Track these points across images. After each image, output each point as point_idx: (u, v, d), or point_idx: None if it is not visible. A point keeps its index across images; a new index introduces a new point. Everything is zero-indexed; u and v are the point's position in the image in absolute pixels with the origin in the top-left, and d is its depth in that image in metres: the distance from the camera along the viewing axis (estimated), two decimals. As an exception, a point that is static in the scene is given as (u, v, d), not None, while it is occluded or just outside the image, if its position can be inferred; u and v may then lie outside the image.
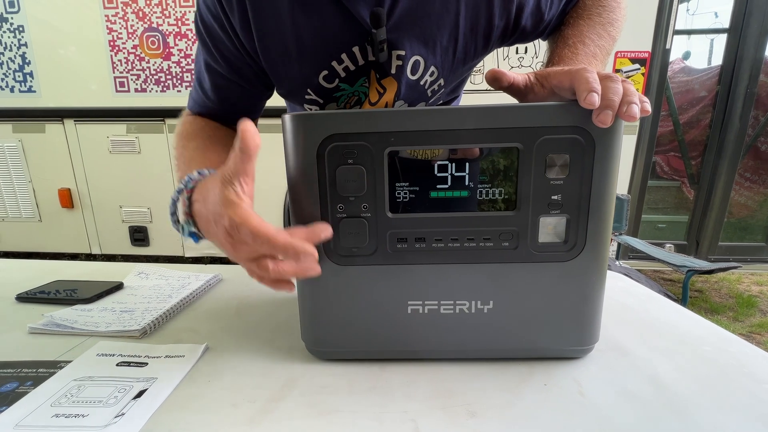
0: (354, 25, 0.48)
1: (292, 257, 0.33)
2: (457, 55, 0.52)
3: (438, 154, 0.37)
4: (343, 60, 0.51)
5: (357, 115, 0.37)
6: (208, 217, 0.35)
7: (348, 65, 0.51)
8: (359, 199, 0.38)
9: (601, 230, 0.38)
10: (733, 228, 2.62)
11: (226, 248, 0.34)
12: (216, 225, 0.34)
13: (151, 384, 0.38)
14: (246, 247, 0.33)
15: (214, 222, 0.34)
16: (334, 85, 0.53)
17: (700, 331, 0.49)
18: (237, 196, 0.32)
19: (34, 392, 0.37)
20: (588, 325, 0.41)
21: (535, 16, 0.53)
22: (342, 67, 0.51)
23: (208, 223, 0.35)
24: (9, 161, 2.08)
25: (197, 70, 0.55)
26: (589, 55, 0.49)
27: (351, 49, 0.50)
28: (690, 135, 2.62)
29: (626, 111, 0.33)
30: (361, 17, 0.47)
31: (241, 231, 0.31)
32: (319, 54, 0.50)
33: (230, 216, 0.31)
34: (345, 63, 0.51)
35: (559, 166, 0.37)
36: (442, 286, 0.40)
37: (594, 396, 0.37)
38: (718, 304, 2.21)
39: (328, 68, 0.51)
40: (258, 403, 0.36)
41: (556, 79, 0.38)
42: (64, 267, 0.77)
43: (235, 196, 0.32)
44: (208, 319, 0.54)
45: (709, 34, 2.66)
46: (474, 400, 0.36)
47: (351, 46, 0.50)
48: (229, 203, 0.32)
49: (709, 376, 0.40)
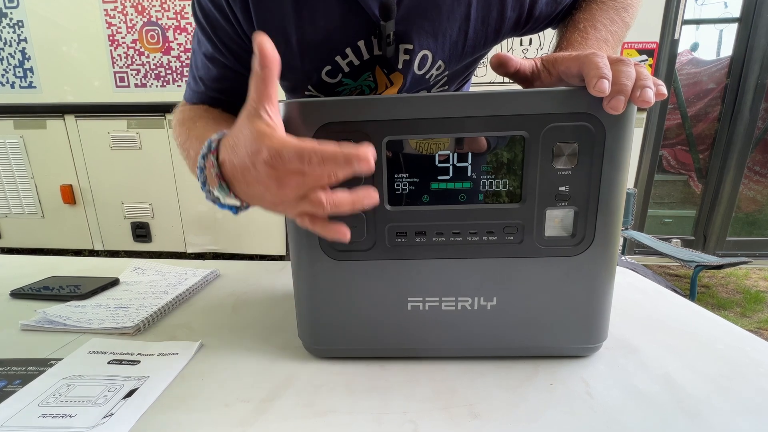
0: (360, 17, 0.45)
1: (345, 168, 0.28)
2: (466, 49, 0.50)
3: (445, 146, 0.35)
4: (348, 55, 0.48)
5: (354, 103, 0.35)
6: (245, 164, 0.30)
7: (352, 60, 0.49)
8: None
9: (610, 223, 0.36)
10: (740, 222, 2.58)
11: (272, 190, 0.30)
12: (255, 166, 0.29)
13: (143, 383, 0.37)
14: (294, 178, 0.29)
15: (252, 165, 0.29)
16: (337, 80, 0.51)
17: (711, 328, 0.47)
18: (268, 124, 0.29)
19: (22, 391, 0.36)
20: (596, 322, 0.39)
21: (550, 6, 0.51)
22: (346, 62, 0.49)
23: (246, 171, 0.30)
24: (11, 157, 2.08)
25: (195, 60, 0.53)
26: (600, 40, 0.47)
27: (356, 43, 0.47)
28: (698, 128, 2.58)
29: (640, 95, 0.31)
30: (369, 8, 0.44)
31: (284, 156, 0.28)
32: (322, 49, 0.48)
33: (268, 145, 0.28)
34: (349, 58, 0.49)
35: (567, 156, 0.35)
36: (443, 281, 0.38)
37: (602, 396, 0.35)
38: (725, 300, 2.18)
39: (331, 63, 0.49)
40: (252, 402, 0.35)
41: (564, 64, 0.36)
42: (61, 263, 0.76)
43: (266, 126, 0.29)
44: (204, 315, 0.53)
45: (717, 25, 2.60)
46: (476, 401, 0.35)
47: (356, 41, 0.47)
48: (263, 134, 0.28)
49: (723, 375, 0.38)
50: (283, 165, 0.28)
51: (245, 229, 2.09)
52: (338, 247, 0.38)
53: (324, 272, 0.39)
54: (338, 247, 0.38)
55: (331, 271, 0.39)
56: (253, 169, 0.29)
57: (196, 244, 2.15)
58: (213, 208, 2.05)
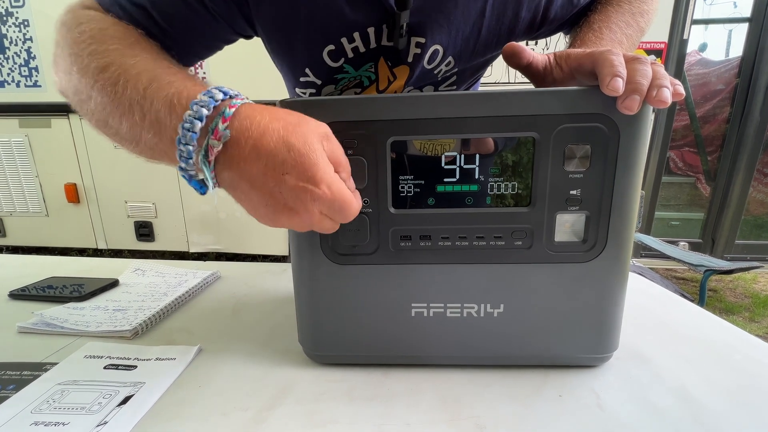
0: (375, 3, 0.44)
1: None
2: (478, 47, 0.49)
3: (451, 147, 0.34)
4: (355, 39, 0.46)
5: (357, 102, 0.34)
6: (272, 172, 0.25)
7: (359, 45, 0.47)
8: (360, 193, 0.35)
9: (623, 229, 0.35)
10: (749, 226, 2.54)
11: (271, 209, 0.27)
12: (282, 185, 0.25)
13: (138, 389, 0.36)
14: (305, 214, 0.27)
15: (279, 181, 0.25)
16: (339, 64, 0.48)
17: (727, 337, 0.46)
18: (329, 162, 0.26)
19: (16, 397, 0.35)
20: (607, 331, 0.38)
21: (565, 9, 0.49)
22: (351, 47, 0.47)
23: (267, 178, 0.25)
24: (16, 156, 2.08)
25: None
26: (614, 41, 0.46)
27: (366, 29, 0.46)
28: (706, 129, 2.54)
29: (656, 95, 0.30)
30: None
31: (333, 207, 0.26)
32: (330, 25, 0.45)
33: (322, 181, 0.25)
34: (356, 43, 0.47)
35: (578, 158, 0.33)
36: (448, 287, 0.37)
37: (613, 409, 0.34)
38: (733, 304, 2.15)
39: (335, 43, 0.46)
40: (250, 411, 0.34)
41: (577, 61, 0.35)
42: (63, 263, 0.75)
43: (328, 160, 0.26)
44: (203, 318, 0.52)
45: (727, 25, 2.57)
46: (482, 412, 0.33)
47: (366, 26, 0.46)
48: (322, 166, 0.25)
49: (742, 387, 0.36)
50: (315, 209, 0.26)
51: (247, 229, 2.08)
52: (340, 251, 0.37)
53: (325, 276, 0.37)
54: (340, 250, 0.37)
55: (333, 276, 0.37)
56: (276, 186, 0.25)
57: (198, 244, 2.15)
58: (216, 207, 2.05)
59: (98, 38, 0.33)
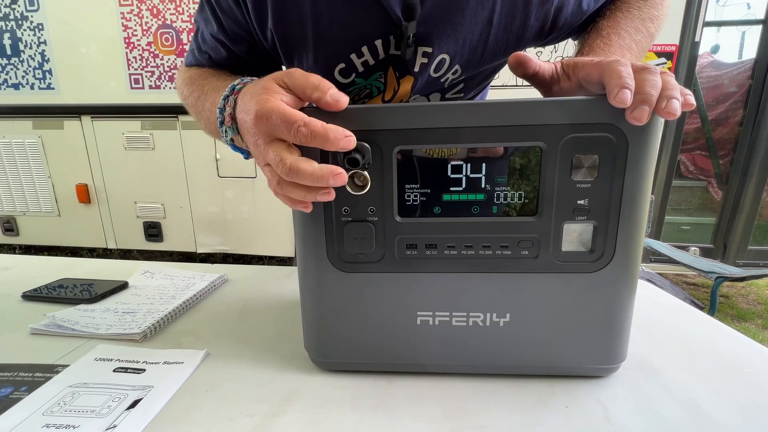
0: (380, 15, 0.44)
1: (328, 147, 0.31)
2: (485, 55, 0.48)
3: (455, 153, 0.34)
4: (363, 53, 0.47)
5: (364, 111, 0.34)
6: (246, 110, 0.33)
7: (368, 59, 0.48)
8: (366, 202, 0.35)
9: (631, 239, 0.34)
10: (763, 231, 2.49)
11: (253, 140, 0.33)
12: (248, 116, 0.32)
13: (147, 393, 0.36)
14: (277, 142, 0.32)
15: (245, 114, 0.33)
16: (350, 80, 0.49)
17: (739, 349, 0.45)
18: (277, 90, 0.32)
19: (27, 399, 0.36)
20: (615, 341, 0.37)
21: (575, 16, 0.49)
22: (361, 61, 0.48)
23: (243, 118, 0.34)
24: (30, 157, 2.13)
25: (201, 33, 0.52)
26: (623, 47, 0.45)
27: (373, 42, 0.46)
28: (718, 132, 2.50)
29: (666, 107, 0.29)
30: (390, 8, 0.43)
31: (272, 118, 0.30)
32: (337, 45, 0.46)
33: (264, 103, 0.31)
34: (365, 56, 0.47)
35: (586, 168, 0.33)
36: (454, 296, 0.37)
37: (621, 422, 0.33)
38: (745, 311, 2.11)
39: (345, 61, 0.47)
40: (256, 417, 0.34)
41: (585, 70, 0.35)
42: (73, 264, 0.77)
43: (275, 87, 0.32)
44: (210, 322, 0.53)
45: (740, 26, 2.52)
46: (488, 423, 0.33)
47: (374, 39, 0.46)
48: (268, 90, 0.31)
49: (754, 403, 0.36)
50: (268, 125, 0.31)
51: (255, 230, 2.10)
52: (346, 259, 0.37)
53: (331, 284, 0.38)
54: (346, 258, 0.37)
55: (339, 283, 0.38)
56: (247, 117, 0.33)
57: (206, 245, 2.17)
58: (223, 209, 2.07)
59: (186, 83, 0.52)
